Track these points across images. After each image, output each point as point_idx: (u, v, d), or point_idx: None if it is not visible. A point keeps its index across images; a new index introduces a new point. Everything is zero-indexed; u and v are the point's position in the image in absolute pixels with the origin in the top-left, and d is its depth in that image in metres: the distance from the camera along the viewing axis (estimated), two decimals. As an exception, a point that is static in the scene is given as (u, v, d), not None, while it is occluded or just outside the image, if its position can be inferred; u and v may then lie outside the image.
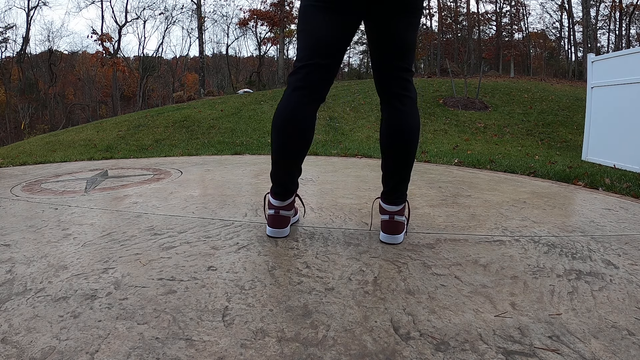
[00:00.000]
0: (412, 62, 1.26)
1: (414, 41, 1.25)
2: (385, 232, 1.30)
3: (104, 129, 7.88)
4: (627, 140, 3.67)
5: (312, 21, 1.18)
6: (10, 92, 26.76)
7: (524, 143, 7.06)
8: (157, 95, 32.19)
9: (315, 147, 4.32)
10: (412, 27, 1.21)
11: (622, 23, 27.59)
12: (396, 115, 1.25)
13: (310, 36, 1.19)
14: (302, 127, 1.22)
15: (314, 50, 1.18)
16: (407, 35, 1.21)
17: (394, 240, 1.29)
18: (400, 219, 1.30)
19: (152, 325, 0.82)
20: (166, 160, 3.59)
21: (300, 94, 1.20)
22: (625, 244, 1.31)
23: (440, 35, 28.96)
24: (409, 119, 1.25)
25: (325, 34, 1.17)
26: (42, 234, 1.41)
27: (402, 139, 1.25)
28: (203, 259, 1.17)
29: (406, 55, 1.23)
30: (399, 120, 1.25)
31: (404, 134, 1.25)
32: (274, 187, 1.32)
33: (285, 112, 1.21)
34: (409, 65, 1.25)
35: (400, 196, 1.31)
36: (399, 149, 1.26)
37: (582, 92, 11.10)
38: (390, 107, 1.27)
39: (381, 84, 1.28)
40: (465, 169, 2.93)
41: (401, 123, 1.25)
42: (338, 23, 1.16)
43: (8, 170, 3.23)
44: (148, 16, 34.96)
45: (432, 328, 0.81)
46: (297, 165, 1.30)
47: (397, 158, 1.27)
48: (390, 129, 1.26)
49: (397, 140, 1.26)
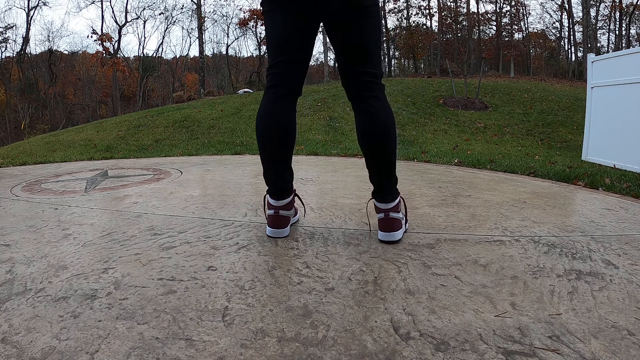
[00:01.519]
0: (376, 63, 1.26)
1: (374, 42, 1.24)
2: (383, 230, 1.30)
3: (104, 129, 7.88)
4: (627, 140, 3.67)
5: (270, 24, 1.25)
6: (10, 92, 26.76)
7: (524, 143, 7.06)
8: (157, 95, 32.18)
9: (315, 147, 4.32)
10: (368, 28, 1.21)
11: (622, 23, 27.60)
12: (365, 118, 1.27)
13: (271, 38, 1.25)
14: (279, 124, 1.26)
15: (277, 49, 1.24)
16: (364, 37, 1.21)
17: (392, 238, 1.29)
18: (396, 216, 1.30)
19: (152, 325, 0.82)
20: (166, 160, 3.59)
21: (271, 92, 1.27)
22: (625, 244, 1.31)
23: (440, 35, 28.96)
24: (378, 119, 1.26)
25: (282, 31, 1.22)
26: (42, 234, 1.41)
27: (374, 140, 1.27)
28: (203, 259, 1.17)
29: (367, 58, 1.24)
30: (368, 123, 1.27)
31: (375, 136, 1.26)
32: (268, 186, 1.35)
33: (262, 113, 1.27)
34: (373, 67, 1.25)
35: (390, 193, 1.31)
36: (374, 149, 1.28)
37: (582, 92, 11.10)
38: (359, 109, 1.29)
39: (347, 88, 1.30)
40: (465, 169, 2.93)
41: (371, 125, 1.27)
42: (293, 20, 1.21)
43: (8, 170, 3.23)
44: (148, 16, 34.96)
45: (432, 328, 0.81)
46: (284, 163, 1.32)
47: (375, 158, 1.29)
48: (362, 131, 1.28)
49: (370, 141, 1.28)
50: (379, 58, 1.27)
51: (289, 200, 1.34)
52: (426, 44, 29.48)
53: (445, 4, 29.52)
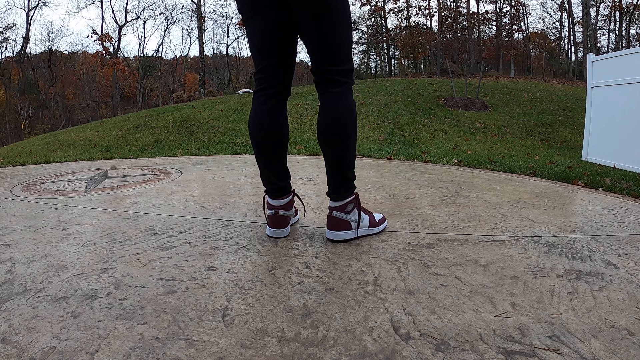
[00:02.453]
0: (340, 59, 1.23)
1: (339, 39, 1.21)
2: (327, 227, 1.31)
3: (104, 129, 7.88)
4: (627, 140, 3.67)
5: (250, 32, 1.26)
6: (10, 92, 26.75)
7: (524, 143, 7.06)
8: (157, 95, 32.19)
9: (315, 147, 4.32)
10: (331, 25, 1.19)
11: (622, 23, 27.60)
12: (321, 113, 1.27)
13: (253, 45, 1.27)
14: (269, 126, 1.29)
15: (259, 55, 1.27)
16: (328, 36, 1.19)
17: (334, 237, 1.29)
18: (340, 216, 1.28)
19: (152, 325, 0.82)
20: (166, 160, 3.59)
21: (259, 96, 1.30)
22: (625, 244, 1.31)
23: (440, 35, 28.94)
24: (331, 115, 1.25)
25: (261, 37, 1.24)
26: (42, 234, 1.41)
27: (325, 136, 1.26)
28: (203, 259, 1.17)
29: (330, 56, 1.22)
30: (322, 119, 1.26)
31: (326, 132, 1.26)
32: (265, 186, 1.37)
33: (252, 116, 1.31)
34: (337, 63, 1.23)
35: (336, 192, 1.29)
36: (325, 145, 1.27)
37: (582, 92, 11.10)
38: (321, 104, 1.28)
39: (315, 84, 1.29)
40: (465, 169, 2.92)
41: (323, 121, 1.26)
42: (270, 26, 1.22)
43: (8, 170, 3.23)
44: (148, 16, 35.01)
45: (432, 328, 0.81)
46: (278, 162, 1.33)
47: (326, 154, 1.29)
48: (318, 126, 1.28)
49: (322, 136, 1.27)
50: (344, 54, 1.24)
51: (288, 199, 1.35)
52: (426, 44, 29.47)
53: (445, 4, 29.52)
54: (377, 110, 8.42)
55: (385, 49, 33.05)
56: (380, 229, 1.39)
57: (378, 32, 32.55)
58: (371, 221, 1.37)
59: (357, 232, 1.31)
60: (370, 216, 1.38)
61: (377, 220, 1.40)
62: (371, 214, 1.40)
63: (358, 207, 1.31)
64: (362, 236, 1.33)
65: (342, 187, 1.29)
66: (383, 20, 31.71)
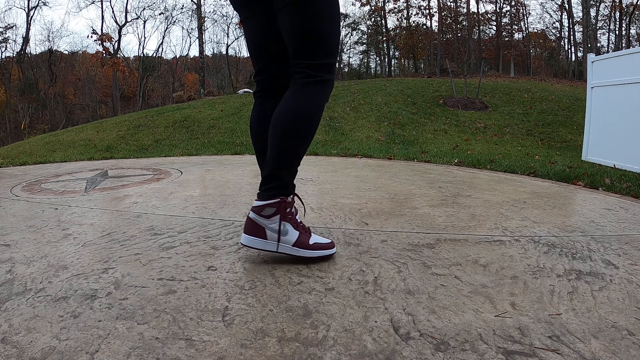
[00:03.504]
0: (312, 52, 1.13)
1: (308, 31, 1.12)
2: (244, 230, 1.16)
3: (104, 129, 7.88)
4: (627, 140, 3.67)
5: (246, 33, 1.26)
6: (10, 92, 26.76)
7: (524, 143, 7.06)
8: (157, 95, 32.18)
9: (315, 147, 4.32)
10: (299, 17, 1.11)
11: (622, 23, 27.60)
12: (280, 105, 1.17)
13: (249, 47, 1.27)
14: (267, 126, 1.23)
15: (255, 58, 1.27)
16: (297, 27, 1.12)
17: (247, 242, 1.13)
18: (257, 220, 1.12)
19: (152, 325, 0.82)
20: (166, 160, 3.59)
21: (258, 96, 1.29)
22: (625, 244, 1.30)
23: (440, 35, 28.95)
24: (283, 108, 1.15)
25: (254, 39, 1.24)
26: (42, 234, 1.41)
27: (271, 128, 1.16)
28: (203, 259, 1.17)
29: (298, 48, 1.15)
30: (277, 112, 1.16)
31: (272, 125, 1.15)
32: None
33: (252, 117, 1.31)
34: (304, 57, 1.14)
35: (261, 187, 1.15)
36: (270, 136, 1.16)
37: (582, 92, 11.10)
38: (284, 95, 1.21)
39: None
40: (465, 169, 2.92)
41: (275, 114, 1.16)
42: (262, 27, 1.22)
43: (8, 170, 3.23)
44: (148, 16, 35.04)
45: (432, 328, 0.81)
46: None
47: (269, 144, 1.16)
48: (272, 116, 1.18)
49: (270, 127, 1.16)
50: (316, 46, 1.14)
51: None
52: (426, 44, 29.47)
53: (445, 4, 29.53)
54: (377, 110, 8.42)
55: (385, 49, 33.07)
56: (312, 255, 1.14)
57: (378, 32, 32.57)
58: (300, 240, 1.14)
59: (276, 245, 1.13)
60: (303, 235, 1.15)
61: (312, 243, 1.14)
62: (307, 233, 1.16)
63: (283, 217, 1.13)
64: (284, 253, 1.14)
65: (268, 183, 1.13)
66: (383, 20, 31.74)
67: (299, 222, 1.18)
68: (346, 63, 36.45)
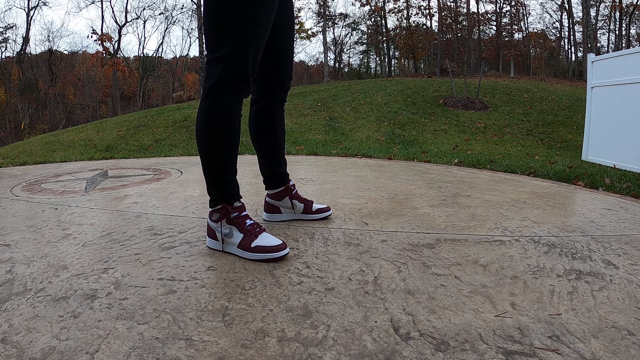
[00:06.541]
0: (207, 47, 1.14)
1: (206, 25, 1.13)
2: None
3: (104, 129, 7.88)
4: (627, 140, 3.67)
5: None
6: (10, 92, 26.75)
7: (524, 143, 7.06)
8: (157, 95, 32.18)
9: (315, 147, 4.33)
10: (204, 11, 1.14)
11: (622, 23, 27.60)
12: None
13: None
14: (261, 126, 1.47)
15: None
16: (204, 22, 1.14)
17: (207, 243, 1.26)
18: (209, 223, 1.24)
19: (152, 325, 0.82)
20: (166, 160, 3.59)
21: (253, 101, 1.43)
22: (625, 244, 1.31)
23: (440, 35, 28.94)
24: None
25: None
26: (42, 234, 1.41)
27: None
28: (203, 259, 1.17)
29: (205, 43, 1.16)
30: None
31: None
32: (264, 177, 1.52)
33: (249, 118, 1.47)
34: (207, 52, 1.15)
35: (210, 200, 1.25)
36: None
37: (582, 92, 11.11)
38: None
39: None
40: (465, 169, 2.93)
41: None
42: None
43: (8, 170, 3.23)
44: (148, 16, 35.07)
45: (432, 328, 0.81)
46: (274, 155, 1.49)
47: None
48: None
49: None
50: (208, 40, 1.14)
51: (281, 189, 1.48)
52: (426, 44, 29.46)
53: (445, 4, 29.52)
54: (377, 110, 8.42)
55: (385, 49, 33.06)
56: (252, 257, 1.15)
57: (378, 32, 32.55)
58: (243, 243, 1.16)
59: (222, 246, 1.21)
60: (247, 237, 1.17)
61: (253, 246, 1.15)
62: (253, 235, 1.17)
63: (228, 221, 1.20)
64: (232, 254, 1.19)
65: (209, 193, 1.24)
66: (383, 20, 31.72)
67: (254, 224, 1.21)
68: (346, 63, 36.47)
